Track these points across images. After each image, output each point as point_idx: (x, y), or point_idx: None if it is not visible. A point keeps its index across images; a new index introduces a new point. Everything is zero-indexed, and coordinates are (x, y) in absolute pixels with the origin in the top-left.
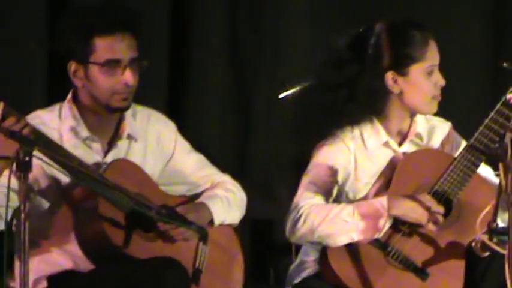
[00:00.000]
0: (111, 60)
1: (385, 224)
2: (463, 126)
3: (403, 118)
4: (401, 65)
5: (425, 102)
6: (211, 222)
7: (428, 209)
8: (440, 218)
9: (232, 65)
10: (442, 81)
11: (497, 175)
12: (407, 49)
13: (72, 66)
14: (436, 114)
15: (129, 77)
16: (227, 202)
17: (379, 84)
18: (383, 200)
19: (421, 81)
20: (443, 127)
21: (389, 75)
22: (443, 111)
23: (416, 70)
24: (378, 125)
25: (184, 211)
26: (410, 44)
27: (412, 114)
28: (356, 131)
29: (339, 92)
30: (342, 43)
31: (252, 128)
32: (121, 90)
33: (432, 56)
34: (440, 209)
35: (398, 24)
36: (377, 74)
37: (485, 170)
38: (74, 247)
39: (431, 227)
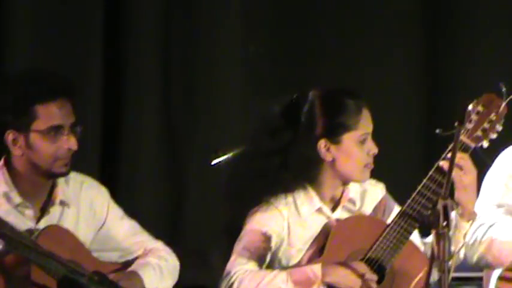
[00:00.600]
0: (54, 127)
1: None
2: (395, 188)
3: (336, 185)
4: (334, 134)
5: (358, 170)
6: None
7: (361, 276)
8: (374, 286)
9: (165, 130)
10: (374, 150)
11: (423, 243)
12: (341, 118)
13: (10, 135)
14: (369, 177)
15: (73, 142)
16: (159, 270)
17: (312, 152)
18: (317, 267)
19: (354, 149)
20: (375, 190)
21: (322, 143)
22: (377, 175)
23: (349, 139)
24: (311, 192)
25: (116, 279)
26: (344, 112)
27: (345, 182)
28: (289, 197)
29: (272, 159)
30: (275, 110)
31: (185, 194)
32: (63, 156)
33: (365, 124)
34: (373, 276)
35: (332, 92)
36: (310, 142)
37: (414, 237)
38: None
39: None
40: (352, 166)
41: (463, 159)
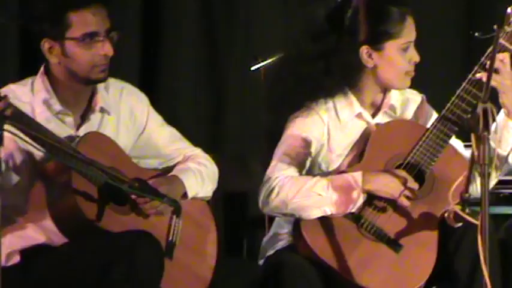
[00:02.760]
0: (88, 34)
1: (358, 198)
2: (436, 99)
3: (376, 91)
4: (376, 41)
5: (399, 77)
6: (185, 195)
7: (402, 184)
8: (414, 194)
9: (204, 36)
10: (416, 58)
11: (466, 146)
12: (384, 25)
13: (46, 44)
14: (409, 87)
15: (108, 48)
16: (200, 175)
17: (354, 58)
18: (357, 174)
19: (396, 57)
20: (416, 99)
21: (364, 50)
22: (416, 83)
23: (391, 46)
24: (351, 97)
25: (157, 184)
26: (387, 20)
27: (385, 88)
28: (330, 102)
29: (314, 63)
30: (319, 14)
31: (225, 100)
32: (100, 62)
33: (408, 32)
34: (415, 185)
35: (376, 0)
36: (352, 48)
37: (455, 143)
38: (47, 222)
39: (405, 202)
40: (393, 73)
41: (501, 61)
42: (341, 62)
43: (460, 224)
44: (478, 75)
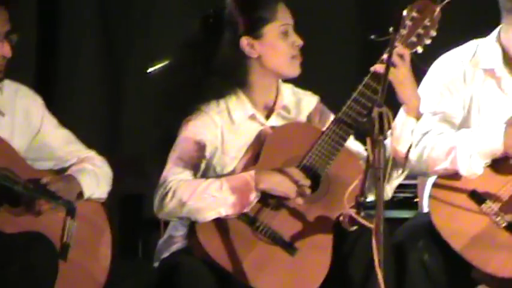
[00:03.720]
0: None
1: (253, 199)
2: (332, 101)
3: (267, 87)
4: (254, 29)
5: (285, 62)
6: (80, 194)
7: (296, 182)
8: (308, 191)
9: (102, 38)
10: (299, 41)
11: (365, 149)
12: (258, 11)
13: None
14: (304, 88)
15: (6, 49)
16: (95, 176)
17: (236, 53)
18: (251, 174)
19: (277, 41)
20: (310, 100)
21: (245, 41)
22: (312, 85)
23: (270, 31)
24: (243, 97)
25: (53, 182)
26: (260, 6)
27: (276, 78)
28: (222, 104)
29: (199, 67)
30: (195, 25)
31: (122, 102)
32: None
33: (284, 16)
34: (307, 182)
35: None
36: (233, 43)
37: (355, 146)
38: None
39: (298, 200)
40: (279, 59)
41: (401, 56)
42: (224, 60)
43: (355, 228)
44: (375, 68)
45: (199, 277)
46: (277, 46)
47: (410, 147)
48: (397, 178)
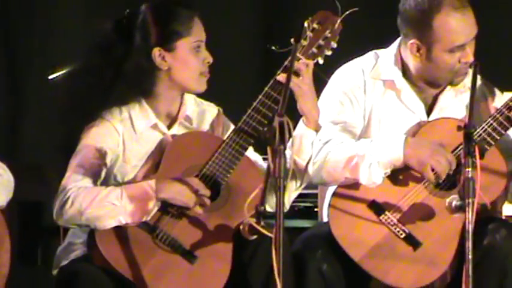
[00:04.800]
0: None
1: (153, 207)
2: (233, 111)
3: (172, 98)
4: (167, 41)
5: (193, 78)
6: None
7: (195, 192)
8: (208, 201)
9: (3, 44)
10: (209, 58)
11: (265, 159)
12: (173, 25)
13: None
14: (206, 98)
15: None
16: None
17: (147, 62)
18: (151, 182)
19: (189, 56)
20: (213, 111)
21: (156, 52)
22: (213, 95)
23: (182, 45)
24: (146, 107)
25: None
26: (176, 19)
27: (181, 92)
28: (125, 112)
29: (106, 73)
30: (106, 26)
31: (22, 109)
32: None
33: (198, 32)
34: (207, 191)
35: (163, 2)
36: (144, 52)
37: (254, 156)
38: None
39: (198, 210)
40: (187, 74)
41: (306, 65)
42: (134, 68)
43: (254, 237)
44: (278, 77)
45: (98, 285)
46: (188, 61)
47: (309, 160)
48: (296, 190)
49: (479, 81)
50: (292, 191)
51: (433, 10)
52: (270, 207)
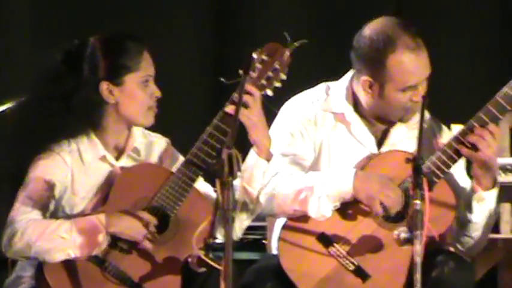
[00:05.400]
0: None
1: (103, 241)
2: (183, 143)
3: (120, 131)
4: (116, 75)
5: (141, 112)
6: None
7: (145, 225)
8: (156, 235)
9: None
10: (157, 93)
11: (215, 191)
12: (122, 59)
13: None
14: (154, 129)
15: None
16: None
17: (95, 96)
18: (101, 216)
19: (137, 91)
20: (161, 143)
21: (104, 86)
22: (162, 126)
23: (131, 80)
24: (94, 139)
25: None
26: (125, 54)
27: (129, 125)
28: (73, 144)
29: (54, 105)
30: (56, 57)
31: None
32: None
33: (147, 66)
34: (155, 224)
35: (113, 36)
36: (92, 85)
37: (204, 186)
38: None
39: (147, 244)
40: (135, 108)
41: (252, 96)
42: (82, 101)
43: (203, 269)
44: (226, 109)
45: None
46: (135, 96)
47: (261, 189)
48: (248, 219)
49: (427, 116)
50: (244, 219)
51: (387, 49)
52: (221, 238)
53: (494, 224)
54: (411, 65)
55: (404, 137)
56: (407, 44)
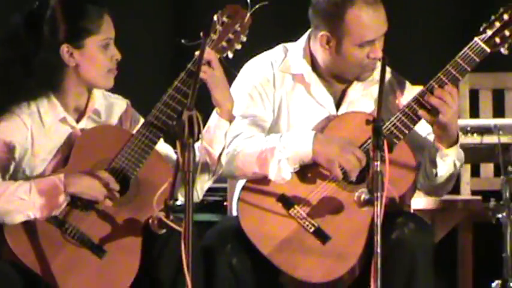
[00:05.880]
0: None
1: (63, 202)
2: (144, 105)
3: (80, 93)
4: (76, 38)
5: (101, 75)
6: None
7: (105, 186)
8: (117, 195)
9: None
10: (118, 55)
11: (176, 152)
12: (82, 22)
13: None
14: (115, 92)
15: None
16: None
17: (55, 58)
18: (61, 177)
19: (97, 54)
20: (121, 104)
21: (65, 48)
22: (122, 88)
23: (91, 43)
24: (54, 101)
25: None
26: (85, 17)
27: (89, 88)
28: (33, 106)
29: (14, 67)
30: (16, 19)
31: None
32: None
33: (107, 29)
34: (116, 185)
35: None
36: (53, 48)
37: (166, 148)
38: None
39: (107, 203)
40: (95, 71)
41: (210, 58)
42: (42, 63)
43: (164, 231)
44: (188, 69)
45: (7, 280)
46: (96, 59)
47: (223, 150)
48: (209, 180)
49: (388, 75)
50: (206, 180)
51: (346, 3)
52: (182, 199)
53: (453, 185)
54: (369, 19)
55: (360, 95)
56: None
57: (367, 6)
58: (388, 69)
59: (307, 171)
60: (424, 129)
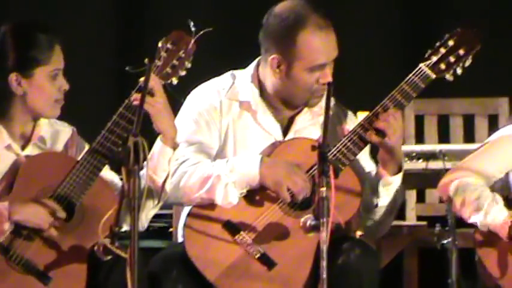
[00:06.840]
0: None
1: (6, 229)
2: (89, 132)
3: (26, 121)
4: (25, 67)
5: (48, 105)
6: None
7: (50, 213)
8: (61, 223)
9: None
10: (66, 86)
11: (121, 179)
12: (32, 52)
13: None
14: (60, 119)
15: None
16: None
17: (3, 85)
18: (4, 205)
19: (45, 84)
20: (67, 131)
21: (13, 77)
22: (68, 115)
23: (40, 73)
24: (0, 128)
25: None
26: (36, 46)
27: (35, 117)
28: None
29: None
30: None
31: None
32: None
33: (57, 60)
34: (63, 214)
35: (24, 26)
36: (1, 76)
37: (110, 175)
38: None
39: (52, 232)
40: (42, 101)
41: (153, 86)
42: None
43: (109, 257)
44: (132, 98)
45: None
46: (44, 89)
47: (167, 177)
48: (154, 208)
49: (333, 102)
50: (150, 208)
51: (298, 26)
52: (127, 226)
53: (399, 211)
54: (320, 43)
55: (308, 124)
56: (317, 22)
57: (319, 30)
58: (332, 99)
59: (254, 196)
60: (366, 165)
